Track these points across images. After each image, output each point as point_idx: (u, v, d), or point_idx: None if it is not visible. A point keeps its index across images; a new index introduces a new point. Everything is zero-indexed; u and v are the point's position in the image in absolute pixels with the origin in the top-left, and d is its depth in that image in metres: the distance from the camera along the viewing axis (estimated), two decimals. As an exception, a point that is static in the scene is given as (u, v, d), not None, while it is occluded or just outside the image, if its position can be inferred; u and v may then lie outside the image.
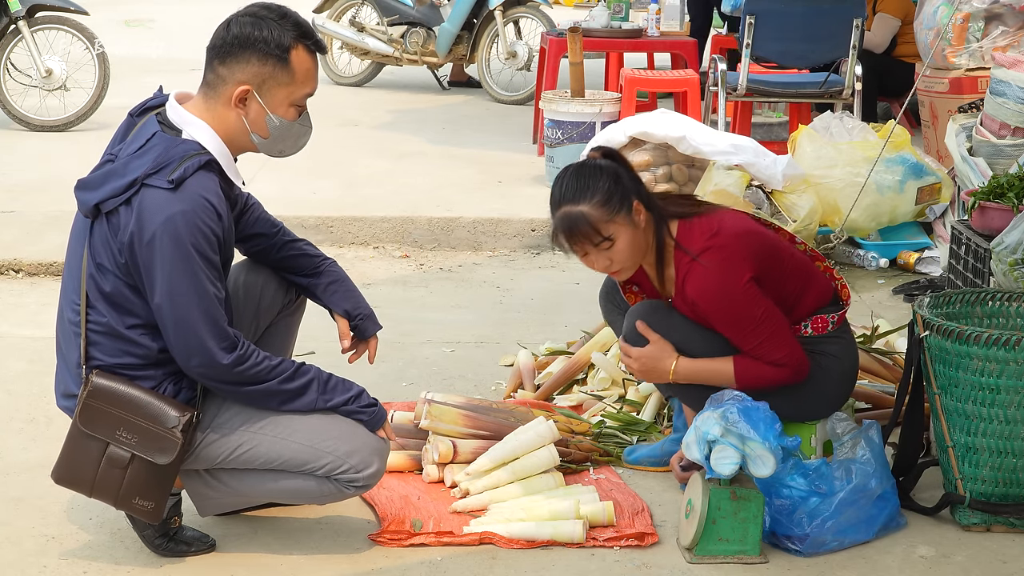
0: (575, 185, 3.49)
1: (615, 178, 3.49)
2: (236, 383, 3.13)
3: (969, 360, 3.46)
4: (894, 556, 3.44)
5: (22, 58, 8.73)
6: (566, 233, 3.48)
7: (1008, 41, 7.11)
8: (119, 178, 3.08)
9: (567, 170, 3.56)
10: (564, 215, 3.48)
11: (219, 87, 3.17)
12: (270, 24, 3.15)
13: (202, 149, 3.12)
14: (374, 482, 3.30)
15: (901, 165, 6.17)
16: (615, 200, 3.46)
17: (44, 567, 3.29)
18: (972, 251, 4.91)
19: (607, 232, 3.47)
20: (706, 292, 3.50)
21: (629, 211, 3.48)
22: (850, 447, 3.53)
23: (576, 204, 3.46)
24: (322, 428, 3.24)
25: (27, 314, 5.37)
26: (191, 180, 3.05)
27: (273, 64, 3.15)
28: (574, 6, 17.21)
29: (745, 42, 7.36)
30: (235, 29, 3.15)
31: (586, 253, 3.52)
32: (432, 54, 10.81)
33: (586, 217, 3.45)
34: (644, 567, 3.35)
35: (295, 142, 3.28)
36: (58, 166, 7.56)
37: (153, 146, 3.10)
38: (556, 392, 4.46)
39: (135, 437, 3.13)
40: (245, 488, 3.30)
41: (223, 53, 3.15)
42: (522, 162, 8.01)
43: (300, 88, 3.20)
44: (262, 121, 3.19)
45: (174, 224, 3.02)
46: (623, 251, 3.51)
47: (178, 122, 3.16)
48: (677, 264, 3.55)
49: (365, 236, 6.54)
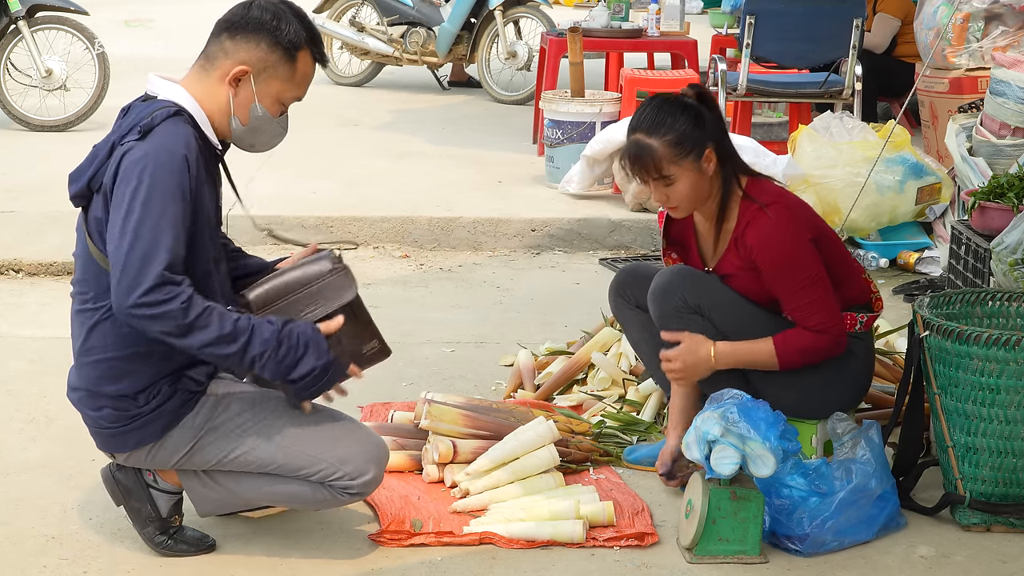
0: (654, 117, 3.54)
1: (695, 121, 3.54)
2: (173, 331, 3.00)
3: (969, 360, 3.46)
4: (894, 556, 3.44)
5: (22, 58, 8.72)
6: (630, 160, 3.56)
7: (1008, 41, 7.11)
8: (99, 152, 3.14)
9: (654, 98, 3.61)
10: (634, 143, 3.54)
11: (219, 60, 3.18)
12: (290, 18, 3.19)
13: (171, 103, 3.13)
14: (369, 490, 3.29)
15: (901, 165, 6.17)
16: (687, 144, 3.52)
17: (44, 567, 3.29)
18: (972, 251, 4.91)
19: (669, 172, 3.52)
20: (768, 240, 3.55)
21: (699, 157, 3.54)
22: (850, 447, 3.53)
23: (648, 136, 3.52)
24: (320, 435, 3.24)
25: (27, 314, 5.37)
26: (159, 128, 3.07)
27: (279, 56, 3.17)
28: (574, 6, 17.21)
29: (745, 42, 7.36)
30: (256, 12, 3.18)
31: (646, 183, 3.58)
32: (432, 54, 10.81)
33: (653, 152, 3.51)
34: (644, 567, 3.35)
35: (269, 139, 3.29)
36: (58, 166, 7.52)
37: (129, 115, 3.16)
38: (556, 392, 4.46)
39: (317, 303, 3.20)
40: (241, 490, 3.30)
41: (236, 28, 3.18)
42: (522, 162, 8.01)
43: (294, 89, 3.23)
44: (247, 107, 3.20)
45: (139, 165, 3.01)
46: (682, 192, 3.56)
47: (153, 90, 3.20)
48: (741, 213, 3.60)
49: (365, 236, 6.54)
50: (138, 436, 3.20)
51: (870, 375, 3.80)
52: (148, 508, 3.32)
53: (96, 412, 3.21)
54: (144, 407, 3.18)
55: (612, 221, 6.65)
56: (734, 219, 3.63)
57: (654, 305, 3.69)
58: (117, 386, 3.18)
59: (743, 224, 3.60)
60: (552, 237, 6.60)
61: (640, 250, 6.55)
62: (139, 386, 3.18)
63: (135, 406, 3.18)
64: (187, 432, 3.22)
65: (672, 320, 3.64)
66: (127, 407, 3.18)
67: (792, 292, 3.56)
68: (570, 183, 7.09)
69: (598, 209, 6.84)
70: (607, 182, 7.11)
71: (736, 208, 3.63)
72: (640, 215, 6.71)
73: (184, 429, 3.22)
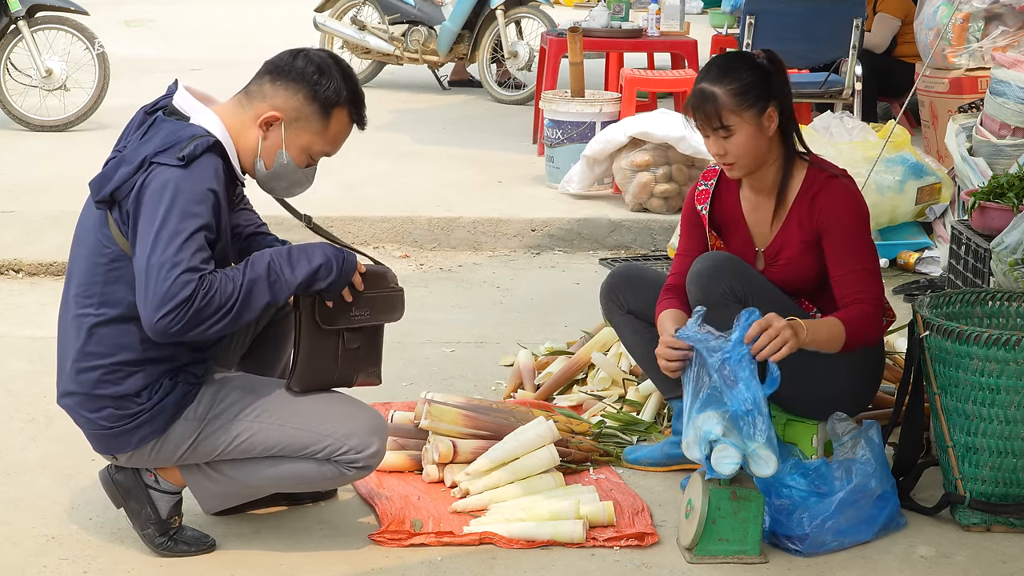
0: (721, 68, 3.56)
1: (763, 77, 3.55)
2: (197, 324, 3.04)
3: (969, 360, 3.46)
4: (894, 556, 3.44)
5: (22, 58, 8.73)
6: (692, 107, 3.56)
7: (1008, 41, 7.11)
8: (128, 164, 3.11)
9: (725, 54, 3.65)
10: (698, 91, 3.55)
11: (257, 101, 3.20)
12: (334, 75, 3.20)
13: (208, 133, 3.13)
14: (375, 463, 3.30)
15: (901, 165, 6.17)
16: (751, 95, 3.52)
17: (44, 567, 3.29)
18: (972, 251, 4.91)
19: (728, 122, 3.52)
20: (841, 206, 3.57)
21: (761, 112, 3.54)
22: (850, 447, 3.53)
23: (713, 85, 3.52)
24: (321, 411, 3.26)
25: (27, 314, 5.37)
26: (201, 160, 3.08)
27: (314, 110, 3.19)
28: (574, 6, 17.20)
29: (745, 42, 7.36)
30: (302, 62, 3.20)
31: (707, 136, 3.57)
32: (433, 53, 10.82)
33: (715, 99, 3.51)
34: (644, 567, 3.35)
35: (288, 187, 3.31)
36: (58, 166, 7.57)
37: (159, 131, 3.13)
38: (556, 392, 4.46)
39: (367, 310, 3.28)
40: (246, 477, 3.30)
41: (280, 73, 3.20)
42: (522, 162, 8.01)
43: (324, 144, 3.25)
44: (273, 152, 3.22)
45: (175, 184, 3.03)
46: (740, 146, 3.55)
47: (186, 109, 3.18)
48: (808, 180, 3.62)
49: (365, 236, 6.54)
50: (141, 433, 3.20)
51: (878, 379, 3.79)
52: (148, 510, 3.31)
53: (95, 413, 3.21)
54: (146, 403, 3.18)
55: (612, 221, 6.65)
56: (796, 188, 3.64)
57: (697, 288, 3.60)
58: (118, 388, 3.18)
59: (812, 189, 3.61)
60: (552, 237, 6.60)
61: (640, 250, 6.55)
62: (141, 385, 3.18)
63: (137, 404, 3.18)
64: (190, 424, 3.23)
65: (718, 307, 3.52)
66: (129, 406, 3.18)
67: (855, 256, 3.54)
68: (570, 183, 7.10)
69: (598, 209, 6.84)
70: (607, 182, 7.11)
71: (800, 176, 3.63)
72: (640, 215, 6.72)
73: (187, 421, 3.23)
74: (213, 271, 3.05)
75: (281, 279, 3.12)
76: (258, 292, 3.09)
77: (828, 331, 3.47)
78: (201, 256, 3.03)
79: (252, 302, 3.08)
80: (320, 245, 3.21)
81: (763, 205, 3.69)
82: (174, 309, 2.99)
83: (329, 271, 3.16)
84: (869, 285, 3.55)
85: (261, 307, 3.11)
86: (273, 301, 3.13)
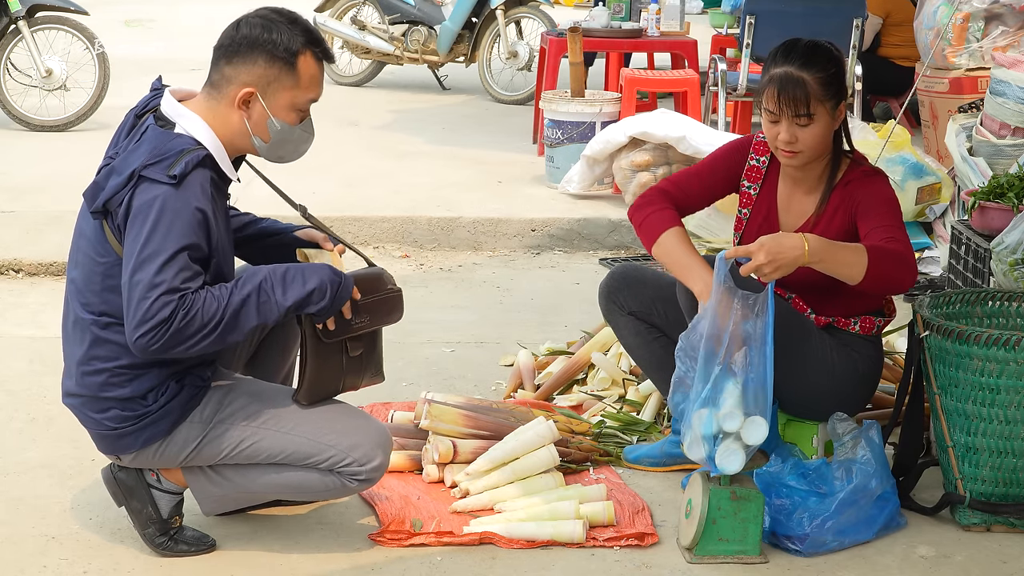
0: (808, 53, 3.55)
1: (840, 72, 3.59)
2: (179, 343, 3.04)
3: (969, 360, 3.46)
4: (894, 556, 3.44)
5: (22, 58, 8.73)
6: (779, 90, 3.52)
7: (1008, 41, 7.12)
8: (118, 175, 3.09)
9: (799, 40, 3.62)
10: (785, 74, 3.53)
11: (224, 87, 3.17)
12: (280, 27, 3.17)
13: (197, 144, 3.12)
14: (377, 476, 3.29)
15: (901, 165, 6.17)
16: (833, 87, 3.56)
17: (44, 567, 3.29)
18: (972, 251, 4.91)
19: (813, 109, 3.53)
20: (875, 185, 3.60)
21: (836, 106, 3.57)
22: (850, 447, 3.53)
23: (801, 71, 3.52)
24: (327, 422, 3.25)
25: (27, 314, 5.37)
26: (191, 176, 3.06)
27: (280, 67, 3.16)
28: (574, 6, 17.21)
29: (745, 42, 7.36)
30: (244, 30, 3.16)
31: (778, 120, 3.55)
32: (433, 53, 10.81)
33: (805, 85, 3.52)
34: (644, 567, 3.35)
35: (295, 148, 3.29)
36: (58, 166, 7.56)
37: (147, 139, 3.12)
38: (556, 392, 4.46)
39: (367, 316, 3.29)
40: (249, 483, 3.30)
41: (231, 53, 3.17)
42: (522, 162, 8.01)
43: (304, 93, 3.21)
44: (264, 124, 3.19)
45: (162, 203, 3.02)
46: (814, 136, 3.56)
47: (172, 115, 3.17)
48: (846, 174, 3.64)
49: (365, 236, 6.54)
50: (146, 434, 3.20)
51: (877, 378, 3.79)
52: (149, 509, 3.31)
53: (101, 414, 3.20)
54: (152, 405, 3.18)
55: (612, 221, 6.65)
56: (835, 180, 3.65)
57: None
58: (124, 390, 3.18)
59: (847, 180, 3.63)
60: (552, 237, 6.60)
61: (640, 250, 6.54)
62: (148, 387, 3.18)
63: (143, 405, 3.18)
64: (196, 426, 3.23)
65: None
66: (135, 407, 3.18)
67: (889, 221, 3.53)
68: (570, 183, 7.10)
69: (598, 209, 6.84)
70: (607, 182, 7.11)
71: (841, 171, 3.65)
72: (640, 215, 6.70)
73: (192, 424, 3.22)
74: (197, 290, 3.03)
75: (271, 300, 3.09)
76: (246, 313, 3.07)
77: (846, 252, 3.39)
78: (183, 276, 3.01)
79: (239, 322, 3.06)
80: (320, 268, 3.19)
81: (797, 196, 3.71)
82: (152, 329, 2.98)
83: (322, 296, 3.14)
84: (900, 234, 3.52)
85: (250, 328, 3.10)
86: (262, 322, 3.11)
